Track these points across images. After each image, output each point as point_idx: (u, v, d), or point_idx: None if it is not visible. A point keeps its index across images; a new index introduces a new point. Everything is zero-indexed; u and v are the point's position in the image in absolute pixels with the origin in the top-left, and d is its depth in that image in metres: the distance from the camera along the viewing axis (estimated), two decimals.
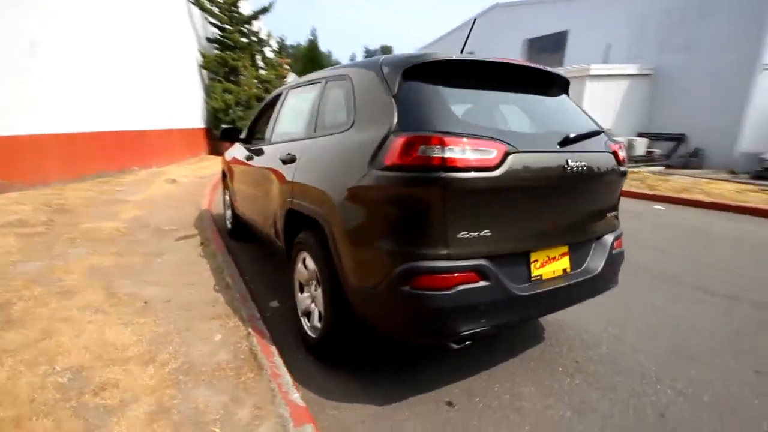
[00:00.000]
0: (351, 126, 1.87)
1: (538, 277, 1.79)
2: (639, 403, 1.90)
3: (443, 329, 1.59)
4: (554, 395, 1.95)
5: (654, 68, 13.93)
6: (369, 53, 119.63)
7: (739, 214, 6.19)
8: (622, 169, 2.05)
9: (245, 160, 3.32)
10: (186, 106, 10.75)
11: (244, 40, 12.23)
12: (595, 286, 1.99)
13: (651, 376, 2.11)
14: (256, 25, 12.78)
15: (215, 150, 12.67)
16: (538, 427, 1.75)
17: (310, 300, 2.25)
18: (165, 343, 2.18)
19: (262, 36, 13.38)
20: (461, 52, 2.27)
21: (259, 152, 3.03)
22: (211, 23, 11.86)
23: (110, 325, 2.32)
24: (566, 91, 2.24)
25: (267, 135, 3.05)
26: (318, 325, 2.12)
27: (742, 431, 1.74)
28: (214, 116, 11.82)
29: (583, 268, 1.97)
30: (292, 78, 17.20)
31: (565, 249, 1.90)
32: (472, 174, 1.52)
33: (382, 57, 1.93)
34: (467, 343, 1.62)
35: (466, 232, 1.57)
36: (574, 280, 1.88)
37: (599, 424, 1.76)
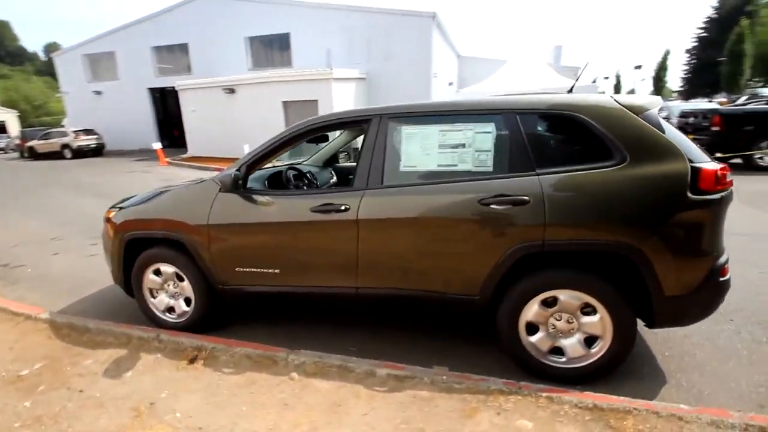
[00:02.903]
0: (625, 161, 2.03)
1: None
2: None
3: (723, 301, 2.21)
4: None
5: (367, 73, 17.16)
6: None
7: None
8: None
9: (317, 215, 2.38)
10: None
11: None
12: None
13: None
14: None
15: None
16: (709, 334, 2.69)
17: (553, 338, 2.23)
18: None
19: None
20: (570, 91, 2.71)
21: (366, 201, 2.32)
22: None
23: None
24: None
25: (369, 178, 2.35)
26: (587, 352, 2.19)
27: None
28: None
29: None
30: None
31: None
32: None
33: (615, 97, 2.16)
34: None
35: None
36: None
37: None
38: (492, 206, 2.14)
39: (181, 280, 2.86)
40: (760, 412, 1.99)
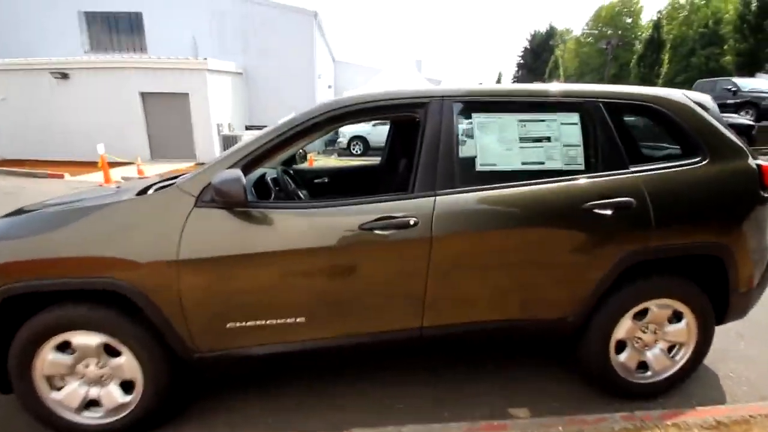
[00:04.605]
0: (706, 158, 1.92)
1: None
2: None
3: None
4: None
5: (244, 68, 15.47)
6: None
7: None
8: None
9: (370, 235, 1.66)
10: None
11: None
12: None
13: None
14: None
15: None
16: None
17: (639, 353, 2.02)
18: None
19: None
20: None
21: (440, 211, 1.72)
22: None
23: None
24: None
25: (437, 181, 1.76)
26: (672, 362, 2.04)
27: None
28: None
29: None
30: None
31: None
32: None
33: (684, 92, 2.04)
34: None
35: None
36: None
37: None
38: (595, 211, 1.80)
39: (113, 354, 1.75)
40: None
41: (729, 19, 26.35)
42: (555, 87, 1.96)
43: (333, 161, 13.61)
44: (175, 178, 2.11)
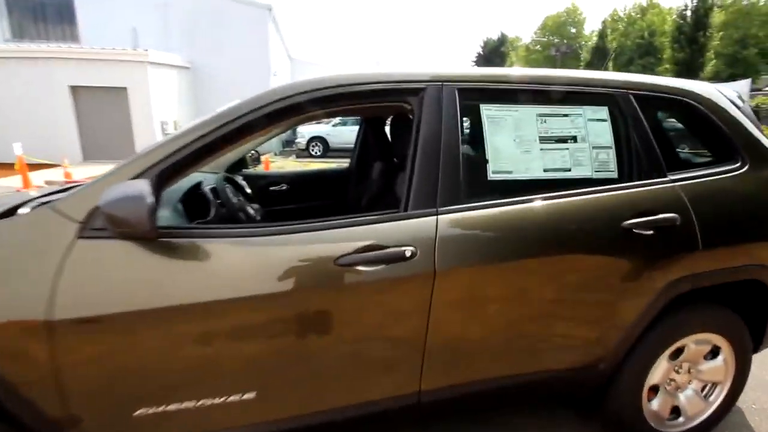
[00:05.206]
0: (746, 164, 1.60)
1: None
2: None
3: None
4: None
5: (191, 63, 14.32)
6: None
7: None
8: None
9: (351, 273, 1.17)
10: None
11: None
12: None
13: None
14: None
15: None
16: None
17: (672, 397, 1.69)
18: None
19: None
20: None
21: (444, 236, 1.26)
22: None
23: None
24: None
25: (439, 194, 1.29)
26: (706, 403, 1.72)
27: None
28: None
29: None
30: None
31: None
32: None
33: (717, 86, 1.72)
34: None
35: None
36: None
37: None
38: (635, 230, 1.41)
39: None
40: None
41: (666, 30, 28.27)
42: (577, 73, 1.57)
43: (292, 163, 12.83)
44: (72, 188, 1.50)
